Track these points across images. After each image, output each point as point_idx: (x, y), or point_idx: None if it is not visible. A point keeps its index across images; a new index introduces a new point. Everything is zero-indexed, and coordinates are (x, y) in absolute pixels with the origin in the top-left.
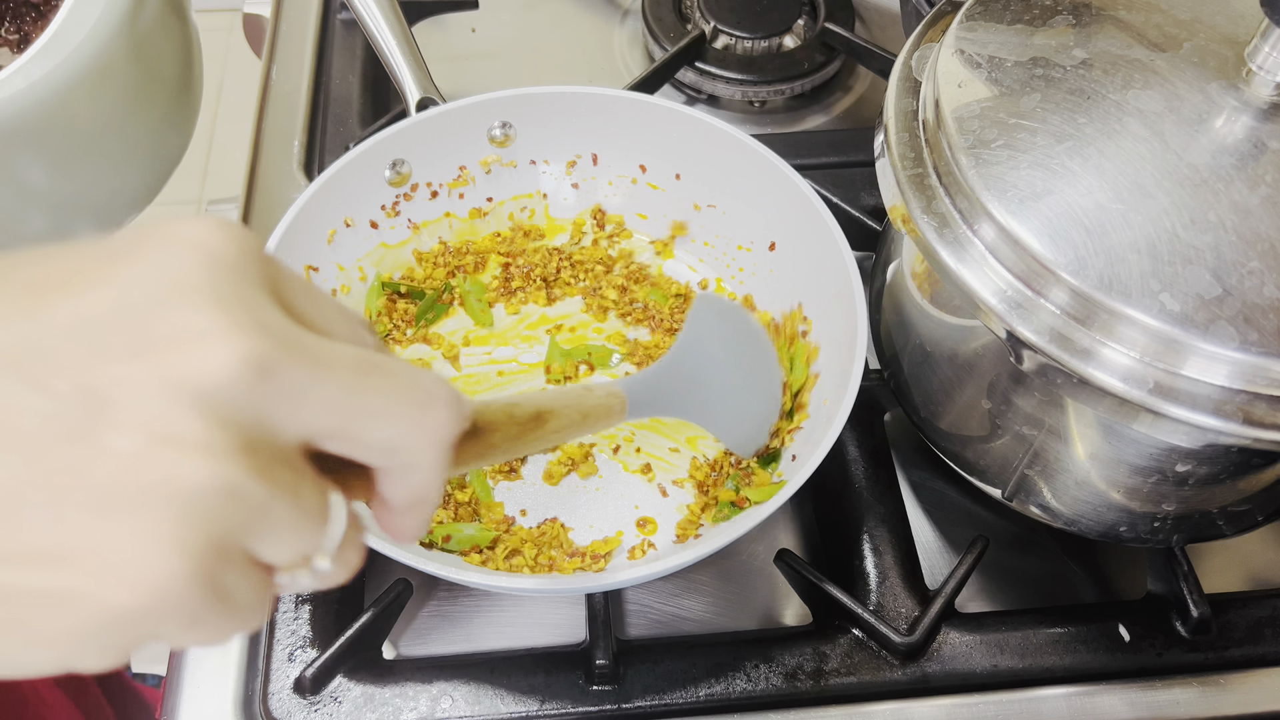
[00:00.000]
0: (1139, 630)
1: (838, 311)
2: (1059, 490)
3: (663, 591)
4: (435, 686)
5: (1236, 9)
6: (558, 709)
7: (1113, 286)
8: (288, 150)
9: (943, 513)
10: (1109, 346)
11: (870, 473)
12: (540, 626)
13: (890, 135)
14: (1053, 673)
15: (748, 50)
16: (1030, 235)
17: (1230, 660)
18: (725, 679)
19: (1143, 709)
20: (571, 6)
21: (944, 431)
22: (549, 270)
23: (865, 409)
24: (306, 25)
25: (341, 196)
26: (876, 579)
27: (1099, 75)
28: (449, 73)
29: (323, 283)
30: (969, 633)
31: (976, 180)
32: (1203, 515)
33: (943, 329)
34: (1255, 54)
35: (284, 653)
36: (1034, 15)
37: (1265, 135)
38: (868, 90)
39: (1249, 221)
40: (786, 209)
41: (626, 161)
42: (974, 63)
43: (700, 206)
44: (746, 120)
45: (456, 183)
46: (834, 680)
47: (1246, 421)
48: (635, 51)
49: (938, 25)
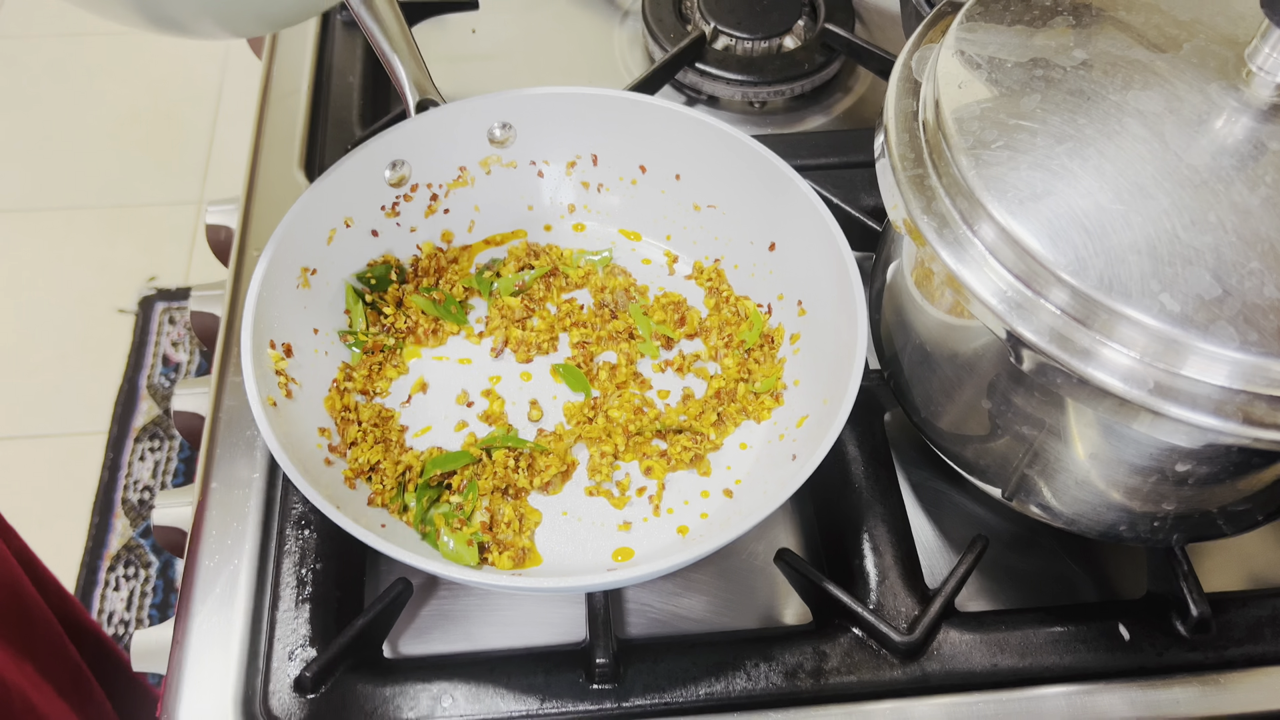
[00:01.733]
0: (1139, 629)
1: (837, 311)
2: (1059, 490)
3: (663, 590)
4: (435, 685)
5: (1236, 10)
6: (558, 708)
7: (1113, 287)
8: (288, 151)
9: (943, 512)
10: (1109, 346)
11: (870, 472)
12: (540, 626)
13: (890, 136)
14: (1052, 672)
15: (748, 51)
16: (1030, 236)
17: (1230, 659)
18: (725, 678)
19: (1142, 708)
20: (572, 7)
21: (944, 431)
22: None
23: (865, 409)
24: (306, 26)
25: (341, 197)
26: (876, 578)
27: (1099, 76)
28: (449, 73)
29: (324, 286)
30: (969, 632)
31: (976, 181)
32: (1203, 515)
33: (943, 329)
34: (1255, 55)
35: (284, 651)
36: (1034, 16)
37: (1265, 136)
38: (868, 91)
39: (1249, 222)
40: (786, 209)
41: (627, 162)
42: (974, 63)
43: (700, 207)
44: (747, 121)
45: (457, 183)
46: (834, 679)
47: (1246, 421)
48: (635, 52)
49: (938, 26)
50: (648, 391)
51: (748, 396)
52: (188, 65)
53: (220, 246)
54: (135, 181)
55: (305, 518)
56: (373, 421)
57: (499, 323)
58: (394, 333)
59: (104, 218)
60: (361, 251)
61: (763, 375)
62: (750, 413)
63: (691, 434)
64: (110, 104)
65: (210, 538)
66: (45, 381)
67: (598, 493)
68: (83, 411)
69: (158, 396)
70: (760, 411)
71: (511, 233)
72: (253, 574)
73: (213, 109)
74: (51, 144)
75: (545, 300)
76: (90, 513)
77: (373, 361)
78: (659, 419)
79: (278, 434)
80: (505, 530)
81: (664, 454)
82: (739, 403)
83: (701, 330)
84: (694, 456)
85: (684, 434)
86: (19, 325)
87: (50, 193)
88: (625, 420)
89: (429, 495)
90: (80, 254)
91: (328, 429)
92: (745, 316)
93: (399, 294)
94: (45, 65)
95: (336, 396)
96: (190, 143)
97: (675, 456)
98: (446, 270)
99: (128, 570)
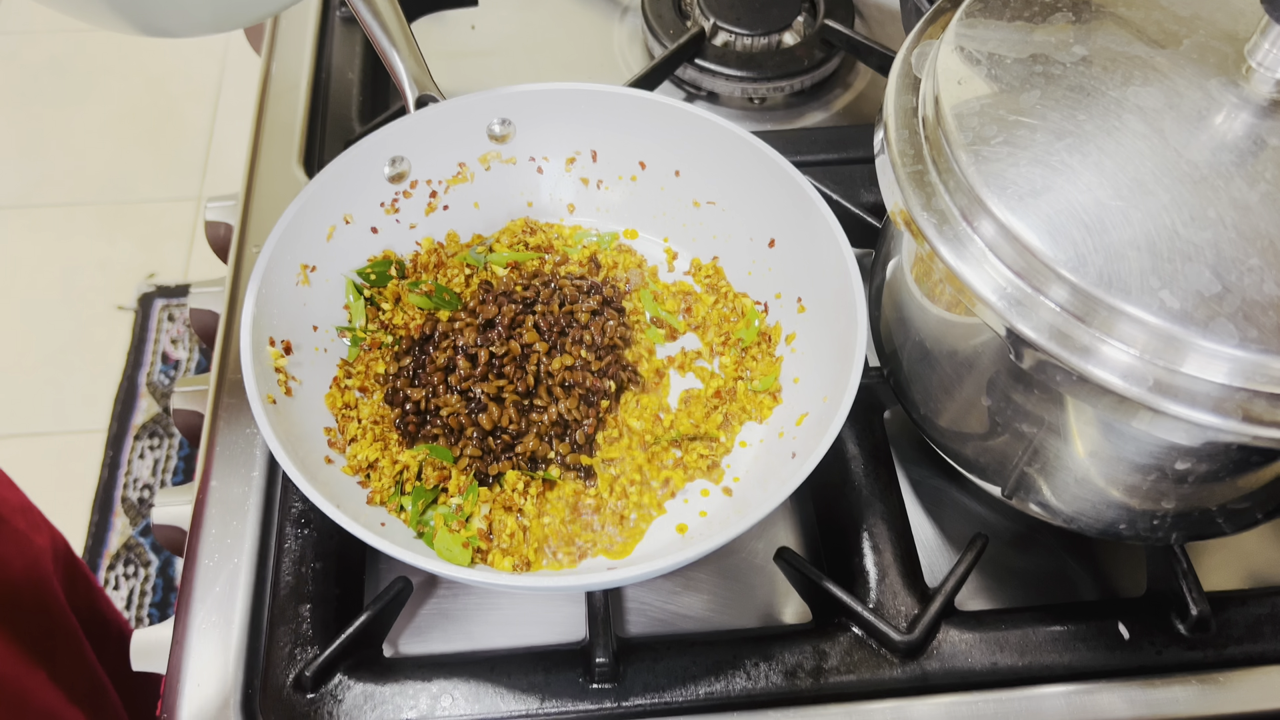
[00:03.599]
0: (1138, 628)
1: (837, 308)
2: (1058, 488)
3: (662, 590)
4: (435, 684)
5: (1236, 5)
6: (558, 707)
7: (1112, 283)
8: (287, 147)
9: (942, 510)
10: (1109, 343)
11: (870, 470)
12: (540, 625)
13: (890, 132)
14: (1052, 671)
15: (747, 47)
16: (1030, 232)
17: (1229, 658)
18: (725, 677)
19: (1142, 707)
20: (571, 3)
21: (943, 429)
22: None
23: (865, 406)
24: (306, 22)
25: (341, 193)
26: (876, 577)
27: (1099, 72)
28: (448, 69)
29: (324, 283)
30: (969, 631)
31: (976, 177)
32: (1202, 513)
33: (942, 326)
34: (1255, 51)
35: (284, 650)
36: (1034, 12)
37: (1265, 132)
38: (867, 87)
39: (1249, 218)
40: (786, 206)
41: (626, 158)
42: (974, 59)
43: (700, 203)
44: (746, 117)
45: (456, 179)
46: (834, 678)
47: (1246, 419)
48: (635, 48)
49: (937, 22)
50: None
51: (747, 395)
52: (187, 62)
53: (220, 243)
54: (135, 178)
55: (305, 516)
56: (372, 419)
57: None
58: (392, 329)
59: (103, 214)
60: (361, 248)
61: (761, 374)
62: (750, 412)
63: (706, 441)
64: (110, 100)
65: (210, 536)
66: (45, 379)
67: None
68: (82, 409)
69: (157, 394)
70: (761, 410)
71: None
72: (252, 573)
73: (212, 105)
74: (51, 140)
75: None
76: (90, 511)
77: (371, 358)
78: (674, 426)
79: (277, 432)
80: (507, 540)
81: (680, 462)
82: (739, 401)
83: (700, 326)
84: (710, 464)
85: (699, 441)
86: (18, 322)
87: (50, 189)
88: (644, 429)
89: (425, 498)
90: (80, 251)
91: (331, 428)
92: (743, 314)
93: (399, 290)
94: (45, 61)
95: (337, 393)
96: (190, 139)
97: (692, 465)
98: (446, 265)
99: (127, 569)
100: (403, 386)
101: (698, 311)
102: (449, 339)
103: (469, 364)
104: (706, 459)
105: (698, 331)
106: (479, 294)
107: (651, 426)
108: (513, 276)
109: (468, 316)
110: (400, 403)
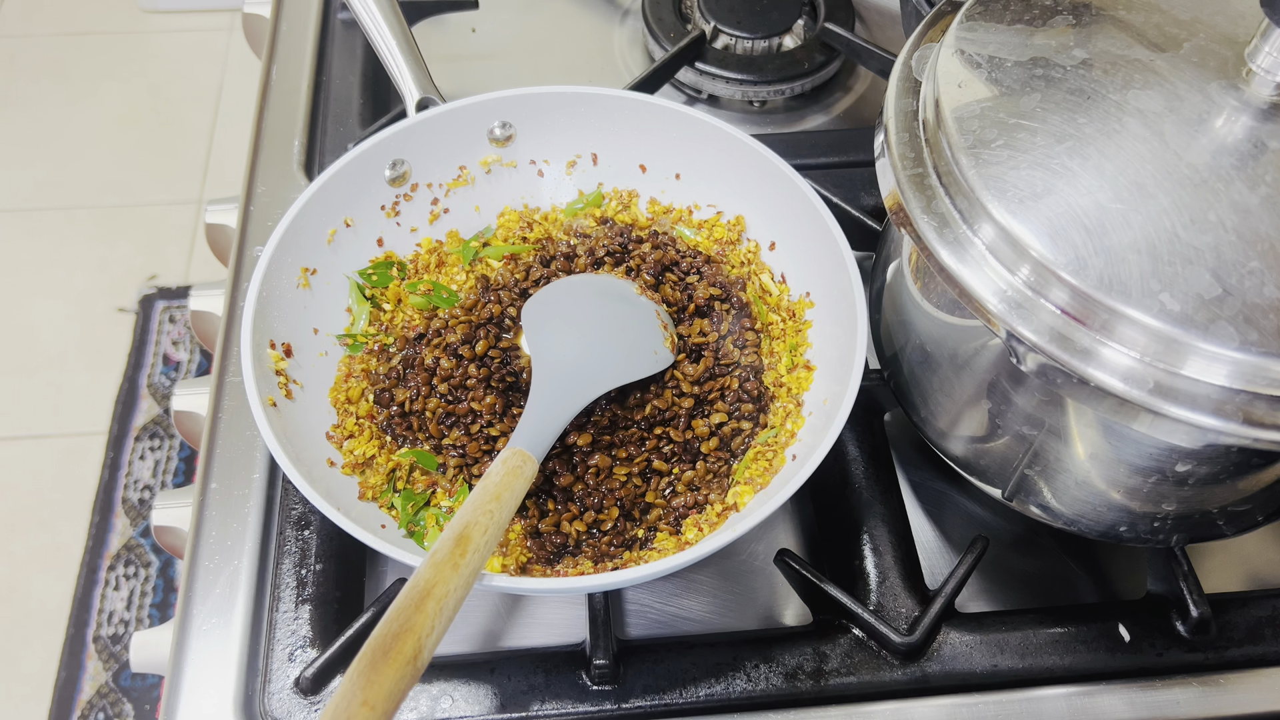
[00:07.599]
0: (1139, 630)
1: (837, 311)
2: (1059, 490)
3: (663, 591)
4: (435, 686)
5: (1236, 9)
6: (558, 709)
7: (1113, 286)
8: (288, 150)
9: (943, 513)
10: (1109, 346)
11: (870, 472)
12: (540, 626)
13: (890, 135)
14: (1053, 673)
15: (748, 50)
16: (1030, 235)
17: (1230, 660)
18: (725, 679)
19: (1143, 709)
20: (572, 6)
21: (944, 431)
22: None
23: (865, 409)
24: (306, 25)
25: (342, 196)
26: (876, 579)
27: (1099, 75)
28: (449, 73)
29: (325, 286)
30: (969, 633)
31: (976, 180)
32: (1203, 515)
33: (943, 329)
34: (1255, 54)
35: (284, 653)
36: (1034, 15)
37: (1265, 135)
38: (868, 90)
39: (1249, 221)
40: (787, 209)
41: (626, 161)
42: (974, 63)
43: (700, 206)
44: (746, 120)
45: (457, 182)
46: (834, 680)
47: (1246, 421)
48: (635, 51)
49: (938, 25)
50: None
51: (777, 385)
52: (188, 65)
53: (220, 246)
54: (135, 181)
55: (305, 518)
56: (369, 415)
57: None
58: (392, 330)
59: (104, 217)
60: (362, 251)
61: (787, 351)
62: (793, 390)
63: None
64: (110, 103)
65: (210, 538)
66: (46, 381)
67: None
68: (83, 411)
69: (158, 396)
70: (801, 385)
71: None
72: (253, 574)
73: (213, 108)
74: (52, 143)
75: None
76: (90, 512)
77: (370, 357)
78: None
79: (277, 434)
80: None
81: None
82: (770, 390)
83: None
84: (721, 510)
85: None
86: (19, 325)
87: (50, 192)
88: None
89: (414, 501)
90: (80, 253)
91: (335, 425)
92: (766, 291)
93: (400, 291)
94: (45, 64)
95: (341, 388)
96: (190, 142)
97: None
98: (446, 264)
99: (128, 570)
100: (390, 387)
101: (723, 268)
102: (440, 336)
103: (453, 363)
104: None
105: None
106: (476, 289)
107: (636, 489)
108: (510, 269)
109: (462, 314)
110: (387, 404)
